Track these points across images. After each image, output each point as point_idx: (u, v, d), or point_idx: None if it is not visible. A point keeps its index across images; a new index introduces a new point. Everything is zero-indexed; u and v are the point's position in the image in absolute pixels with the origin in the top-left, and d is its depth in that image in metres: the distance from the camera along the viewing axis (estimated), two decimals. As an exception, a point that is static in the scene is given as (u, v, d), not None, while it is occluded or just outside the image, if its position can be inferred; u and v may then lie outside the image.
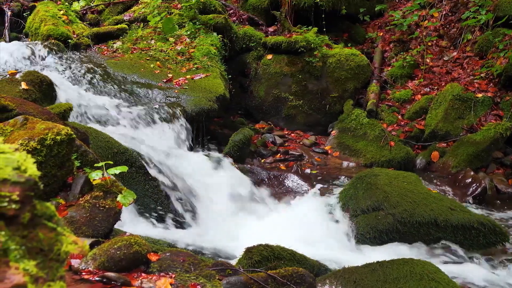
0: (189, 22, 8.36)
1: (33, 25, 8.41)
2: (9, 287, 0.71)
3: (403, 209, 4.81)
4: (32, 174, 0.81)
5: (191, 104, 6.37)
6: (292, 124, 8.42)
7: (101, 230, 2.95)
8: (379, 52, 9.16)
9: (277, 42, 8.51)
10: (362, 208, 5.06)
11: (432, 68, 8.66)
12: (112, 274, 2.34)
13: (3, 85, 5.09)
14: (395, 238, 4.75)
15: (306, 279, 2.74)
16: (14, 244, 0.76)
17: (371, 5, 9.87)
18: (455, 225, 4.71)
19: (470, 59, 8.50)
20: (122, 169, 3.16)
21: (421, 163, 7.16)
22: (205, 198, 5.31)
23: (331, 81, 8.42)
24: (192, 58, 7.59)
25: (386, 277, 3.21)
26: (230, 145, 6.61)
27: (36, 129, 2.85)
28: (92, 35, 8.17)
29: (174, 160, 5.50)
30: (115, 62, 7.25)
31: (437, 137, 7.40)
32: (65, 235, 0.86)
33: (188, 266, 2.63)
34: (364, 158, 7.28)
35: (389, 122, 7.89)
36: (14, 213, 0.77)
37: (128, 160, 4.71)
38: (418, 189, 5.17)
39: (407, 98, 8.21)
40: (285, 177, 6.47)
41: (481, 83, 7.87)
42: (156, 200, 4.74)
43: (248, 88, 8.67)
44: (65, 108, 4.63)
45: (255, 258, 3.26)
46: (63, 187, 3.08)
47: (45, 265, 0.81)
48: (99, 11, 9.75)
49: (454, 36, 9.04)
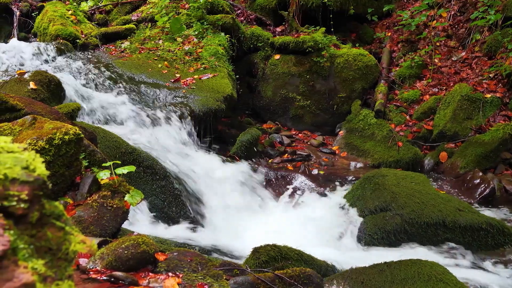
0: (196, 22, 8.37)
1: (41, 25, 8.45)
2: (18, 286, 0.71)
3: (411, 210, 4.80)
4: (40, 174, 0.82)
5: (198, 104, 6.37)
6: (300, 124, 8.41)
7: (109, 229, 2.96)
8: (387, 52, 9.13)
9: (285, 42, 8.50)
10: (369, 208, 5.05)
11: (440, 68, 8.62)
12: (120, 274, 2.35)
13: (12, 84, 5.12)
14: (403, 238, 4.73)
15: (313, 279, 2.74)
16: (22, 243, 0.76)
17: (379, 5, 9.84)
18: (463, 226, 4.69)
19: (478, 59, 8.46)
20: (129, 169, 3.16)
21: (429, 164, 7.13)
22: (213, 197, 5.31)
23: (339, 81, 8.40)
24: (200, 58, 7.59)
25: (394, 278, 3.20)
26: (237, 145, 6.61)
27: (44, 128, 2.86)
28: (100, 35, 8.20)
29: (182, 160, 5.51)
30: (123, 62, 7.27)
31: (445, 137, 7.36)
32: (73, 234, 0.86)
33: (195, 266, 2.63)
34: (372, 159, 7.26)
35: (397, 122, 7.86)
36: (23, 212, 0.77)
37: (136, 160, 4.72)
38: (426, 190, 5.15)
39: (415, 98, 8.18)
40: (292, 177, 6.47)
41: (490, 83, 7.83)
42: (163, 199, 4.76)
43: (256, 88, 8.66)
44: (73, 108, 4.64)
45: (262, 258, 3.26)
46: (71, 187, 3.10)
47: (54, 264, 0.81)
48: (107, 11, 9.78)
49: (462, 36, 9.00)
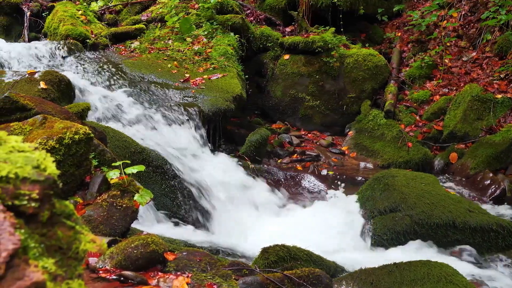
0: (206, 22, 8.38)
1: (51, 25, 8.49)
2: (28, 285, 0.71)
3: (420, 211, 4.78)
4: (51, 173, 0.82)
5: (208, 104, 6.37)
6: (309, 125, 8.39)
7: (118, 229, 2.96)
8: (397, 53, 9.10)
9: (294, 42, 8.48)
10: (379, 209, 5.03)
11: (451, 68, 8.57)
12: (129, 273, 2.35)
13: (22, 84, 5.14)
14: (412, 239, 4.71)
15: (322, 280, 2.73)
16: (33, 242, 0.76)
17: (389, 5, 9.80)
18: (473, 227, 4.66)
19: (489, 59, 8.40)
20: (139, 169, 3.17)
21: (439, 164, 7.09)
22: (222, 197, 5.32)
23: (349, 82, 8.38)
24: (209, 58, 7.60)
25: (403, 278, 3.19)
26: (246, 145, 6.61)
27: (54, 128, 2.88)
28: (110, 35, 8.23)
29: (191, 160, 5.52)
30: (132, 62, 7.29)
31: (455, 138, 7.32)
32: (83, 233, 0.86)
33: (204, 266, 2.63)
34: (382, 159, 7.23)
35: (407, 123, 7.82)
36: (34, 211, 0.78)
37: (145, 160, 4.73)
38: (436, 191, 5.12)
39: (425, 98, 8.14)
40: (301, 178, 6.46)
41: (501, 83, 7.78)
42: (173, 199, 4.76)
43: (265, 88, 8.65)
44: (83, 108, 4.66)
45: (271, 258, 3.26)
46: (81, 186, 3.11)
47: (64, 263, 0.81)
48: (117, 11, 9.82)
49: (473, 37, 8.95)
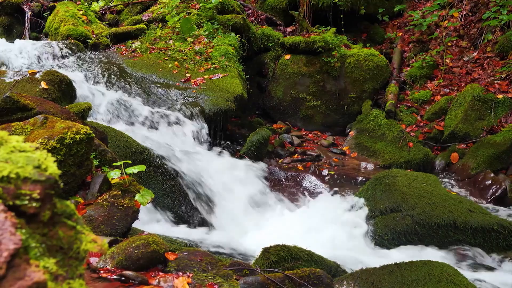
0: (207, 22, 8.38)
1: (52, 25, 8.50)
2: (30, 284, 0.71)
3: (421, 211, 4.78)
4: (52, 173, 0.82)
5: (209, 104, 6.37)
6: (310, 125, 8.39)
7: (119, 228, 2.97)
8: (398, 53, 9.09)
9: (295, 42, 8.48)
10: (380, 209, 5.03)
11: (451, 68, 8.57)
12: (130, 273, 2.35)
13: (23, 84, 5.14)
14: (413, 239, 4.71)
15: (323, 280, 2.73)
16: (34, 242, 0.77)
17: (390, 5, 9.80)
18: (474, 228, 4.66)
19: (490, 59, 8.40)
20: (140, 168, 3.17)
21: (440, 165, 7.09)
22: (223, 197, 5.32)
23: (349, 82, 8.38)
24: (210, 58, 7.60)
25: (404, 279, 3.19)
26: (247, 145, 6.61)
27: (55, 128, 2.88)
28: (111, 35, 8.23)
29: (192, 160, 5.52)
30: (133, 62, 7.29)
31: (456, 138, 7.32)
32: (84, 233, 0.86)
33: (205, 266, 2.64)
34: (383, 159, 7.23)
35: (408, 123, 7.82)
36: (35, 211, 0.78)
37: (146, 160, 4.74)
38: (437, 191, 5.12)
39: (426, 99, 8.14)
40: (302, 178, 6.46)
41: (502, 84, 7.77)
42: (174, 199, 4.76)
43: (266, 88, 8.66)
44: (84, 107, 4.66)
45: (272, 258, 3.26)
46: (82, 186, 3.11)
47: (65, 263, 0.81)
48: (118, 11, 9.82)
49: (474, 37, 8.94)
